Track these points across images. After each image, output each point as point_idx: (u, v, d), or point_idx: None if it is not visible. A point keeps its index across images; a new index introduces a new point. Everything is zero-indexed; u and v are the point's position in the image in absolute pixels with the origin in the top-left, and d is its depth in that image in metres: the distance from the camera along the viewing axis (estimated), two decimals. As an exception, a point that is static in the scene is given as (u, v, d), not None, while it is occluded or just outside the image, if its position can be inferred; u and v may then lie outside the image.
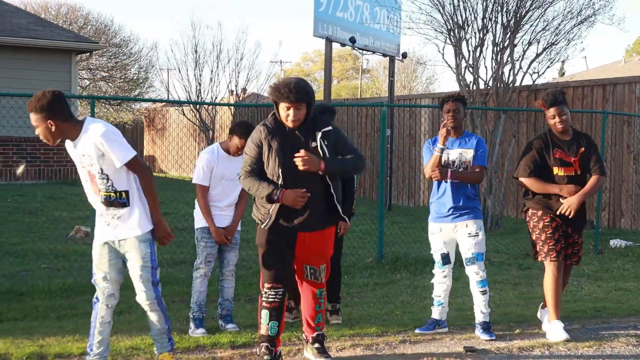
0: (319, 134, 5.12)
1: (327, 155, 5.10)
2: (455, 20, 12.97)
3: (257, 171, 5.15)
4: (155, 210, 4.89)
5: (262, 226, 5.16)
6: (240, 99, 24.97)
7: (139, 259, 4.85)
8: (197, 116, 23.11)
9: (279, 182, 5.06)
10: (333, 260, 5.90)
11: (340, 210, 5.23)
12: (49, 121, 4.66)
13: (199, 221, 6.31)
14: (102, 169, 4.75)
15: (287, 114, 5.04)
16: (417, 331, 6.29)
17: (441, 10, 13.03)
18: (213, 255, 6.34)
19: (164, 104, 30.20)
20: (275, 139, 5.08)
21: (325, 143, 5.12)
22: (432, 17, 13.17)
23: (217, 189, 6.23)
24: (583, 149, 6.25)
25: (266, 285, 5.19)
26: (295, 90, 4.98)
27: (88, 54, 21.29)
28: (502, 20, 12.86)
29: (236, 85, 24.53)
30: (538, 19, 12.94)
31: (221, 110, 24.56)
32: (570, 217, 6.13)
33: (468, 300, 6.85)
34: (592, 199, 12.51)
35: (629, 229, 13.23)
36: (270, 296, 5.18)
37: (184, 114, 24.41)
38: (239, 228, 6.39)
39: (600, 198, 11.76)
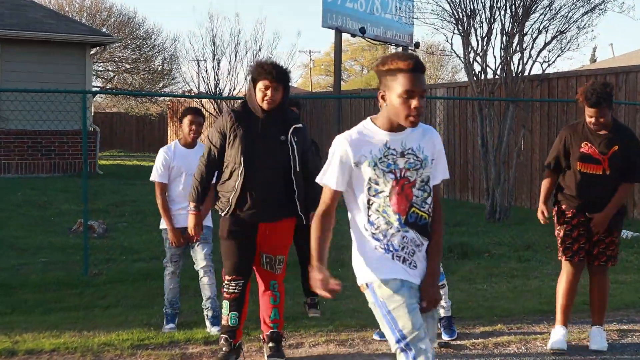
0: (292, 129, 5.10)
1: (296, 150, 5.09)
2: (463, 9, 12.85)
3: (216, 161, 5.15)
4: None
5: (222, 214, 5.15)
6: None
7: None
8: (216, 108, 23.14)
9: (240, 171, 5.01)
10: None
11: (299, 208, 5.16)
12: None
13: (163, 222, 6.19)
14: (427, 178, 3.49)
15: (264, 93, 4.98)
16: (374, 337, 5.92)
17: (449, 0, 12.92)
18: (178, 255, 6.22)
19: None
20: (241, 126, 5.05)
21: (295, 140, 5.10)
22: (440, 7, 13.09)
23: (179, 187, 6.07)
24: (617, 147, 5.53)
25: (227, 277, 5.21)
26: (277, 69, 4.99)
27: (102, 47, 21.41)
28: (510, 10, 12.71)
29: (254, 77, 24.49)
30: (547, 8, 12.76)
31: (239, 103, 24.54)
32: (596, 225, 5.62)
33: (451, 296, 6.71)
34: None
35: (641, 219, 13.01)
36: (231, 287, 5.18)
37: (202, 106, 24.45)
38: (209, 224, 6.10)
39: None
